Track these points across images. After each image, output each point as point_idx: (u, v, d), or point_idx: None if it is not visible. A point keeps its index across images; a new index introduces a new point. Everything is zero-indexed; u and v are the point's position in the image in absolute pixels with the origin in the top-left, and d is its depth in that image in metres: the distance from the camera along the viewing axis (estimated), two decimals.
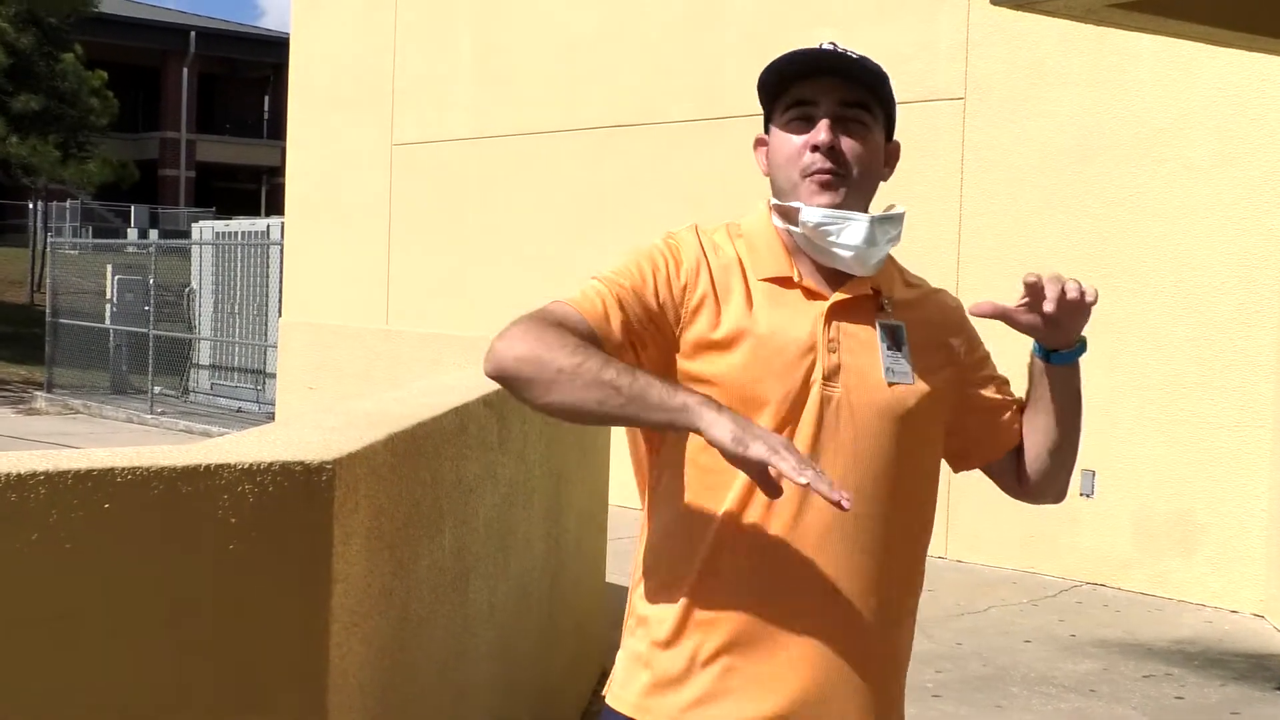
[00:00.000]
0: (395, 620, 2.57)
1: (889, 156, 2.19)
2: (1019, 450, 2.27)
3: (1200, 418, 7.88)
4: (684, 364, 2.07)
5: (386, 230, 13.13)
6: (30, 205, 35.98)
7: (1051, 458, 2.25)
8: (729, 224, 2.21)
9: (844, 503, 1.79)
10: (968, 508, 8.36)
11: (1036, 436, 2.25)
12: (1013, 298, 2.10)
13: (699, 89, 10.34)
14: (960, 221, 8.86)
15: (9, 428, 16.01)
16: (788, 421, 2.06)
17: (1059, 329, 2.12)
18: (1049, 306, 2.07)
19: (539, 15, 11.73)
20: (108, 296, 19.79)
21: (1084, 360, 2.19)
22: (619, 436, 6.01)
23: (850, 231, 2.08)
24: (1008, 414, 2.26)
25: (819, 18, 9.57)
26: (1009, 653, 6.80)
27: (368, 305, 13.33)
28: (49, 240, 23.93)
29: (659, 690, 2.08)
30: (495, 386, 3.43)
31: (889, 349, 2.12)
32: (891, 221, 2.15)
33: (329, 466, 2.13)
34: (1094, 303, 2.08)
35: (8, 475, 1.89)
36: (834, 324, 2.11)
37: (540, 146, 11.62)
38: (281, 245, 15.41)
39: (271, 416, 14.85)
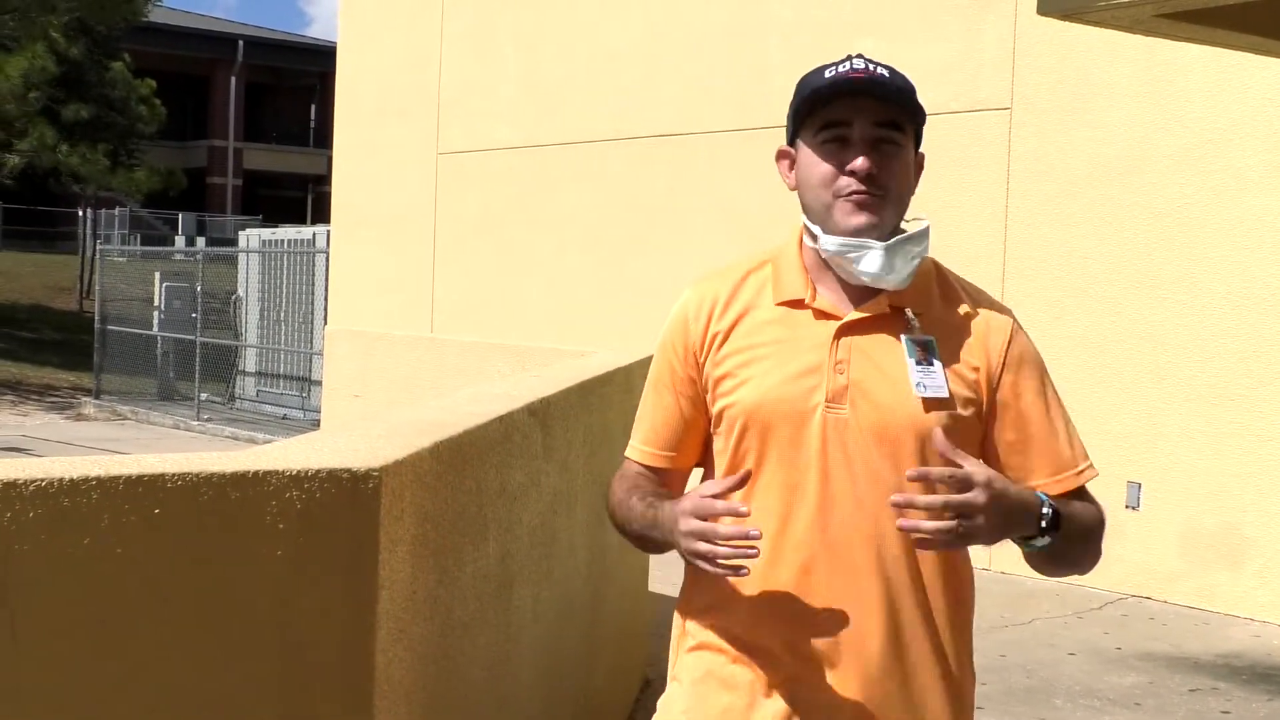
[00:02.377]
0: (440, 626, 2.58)
1: (916, 168, 2.18)
2: None
3: (1248, 430, 7.81)
4: (713, 406, 2.18)
5: (431, 238, 13.19)
6: (79, 213, 36.35)
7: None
8: (757, 256, 2.24)
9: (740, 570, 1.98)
10: None
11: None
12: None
13: (742, 99, 10.34)
14: (1006, 232, 8.82)
15: (58, 433, 16.17)
16: (795, 446, 2.09)
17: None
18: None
19: (583, 26, 11.76)
20: (155, 304, 19.99)
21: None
22: None
23: (868, 260, 2.09)
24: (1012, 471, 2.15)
25: (863, 28, 9.55)
26: (1053, 665, 6.76)
27: (412, 313, 13.39)
28: (98, 248, 24.19)
29: None
30: (539, 395, 3.48)
31: (918, 364, 2.08)
32: (913, 240, 2.12)
33: (375, 474, 2.15)
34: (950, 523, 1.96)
35: (60, 480, 1.91)
36: (844, 344, 2.10)
37: (584, 156, 11.65)
38: (327, 253, 15.50)
39: (316, 424, 14.93)
